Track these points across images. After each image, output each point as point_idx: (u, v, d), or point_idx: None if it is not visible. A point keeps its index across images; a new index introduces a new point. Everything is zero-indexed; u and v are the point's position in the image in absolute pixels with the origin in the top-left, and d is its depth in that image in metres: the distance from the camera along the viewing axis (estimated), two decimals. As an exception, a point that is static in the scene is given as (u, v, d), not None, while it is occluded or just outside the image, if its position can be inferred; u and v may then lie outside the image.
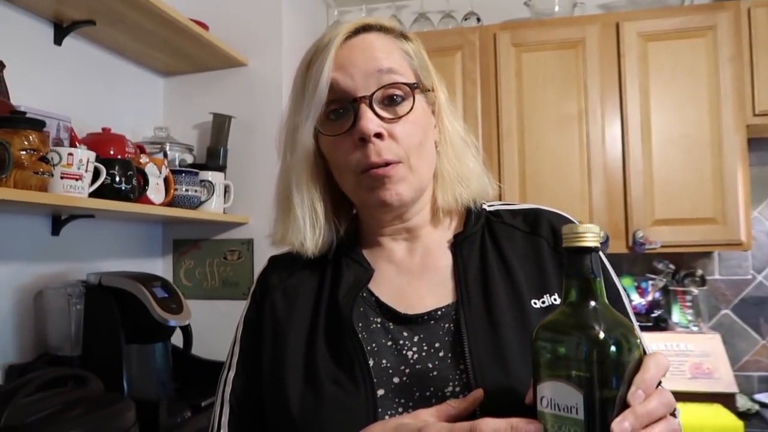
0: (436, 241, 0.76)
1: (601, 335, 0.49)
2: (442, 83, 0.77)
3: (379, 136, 0.67)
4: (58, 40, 1.60)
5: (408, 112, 0.68)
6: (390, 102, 0.68)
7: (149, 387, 1.50)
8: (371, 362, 0.66)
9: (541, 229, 0.74)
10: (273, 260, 0.83)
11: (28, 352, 1.48)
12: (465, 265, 0.72)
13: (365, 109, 0.67)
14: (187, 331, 1.64)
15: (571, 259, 0.53)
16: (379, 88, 0.68)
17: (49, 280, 1.51)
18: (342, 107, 0.69)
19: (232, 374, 0.76)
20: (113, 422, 1.11)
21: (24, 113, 1.21)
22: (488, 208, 0.78)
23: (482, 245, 0.74)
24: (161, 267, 2.05)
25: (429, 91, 0.74)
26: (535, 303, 0.68)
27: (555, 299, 0.69)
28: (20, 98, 1.37)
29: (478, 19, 2.31)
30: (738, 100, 1.95)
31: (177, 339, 1.66)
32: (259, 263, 1.97)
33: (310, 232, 0.73)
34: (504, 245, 0.73)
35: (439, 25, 2.33)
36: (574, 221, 0.76)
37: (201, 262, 2.02)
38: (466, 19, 2.31)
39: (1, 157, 1.10)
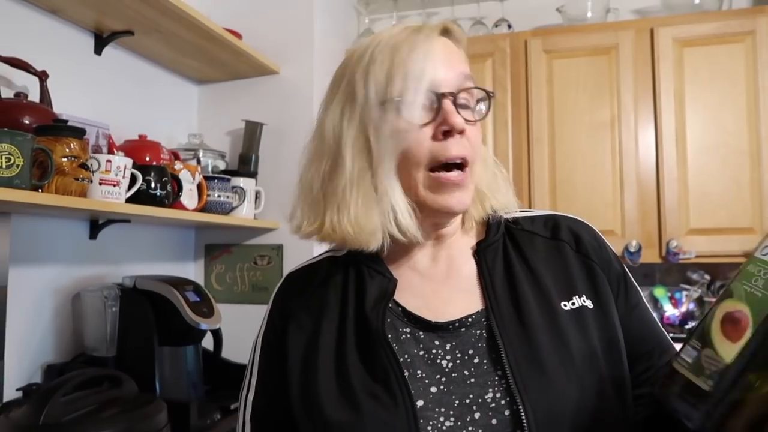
0: (460, 249, 0.76)
1: None
2: None
3: (462, 132, 0.67)
4: (98, 50, 1.65)
5: (484, 117, 0.71)
6: (464, 106, 0.69)
7: (181, 389, 1.53)
8: (406, 373, 0.65)
9: (561, 233, 0.75)
10: (290, 277, 0.81)
11: (66, 352, 1.53)
12: (491, 271, 0.72)
13: (451, 105, 0.67)
14: (217, 334, 1.67)
15: None
16: (462, 90, 0.69)
17: (87, 283, 1.56)
18: (427, 99, 0.67)
19: (251, 395, 0.76)
20: (146, 422, 1.14)
21: (66, 121, 1.25)
22: (506, 216, 0.78)
23: (505, 252, 0.74)
24: (193, 271, 2.10)
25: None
26: (564, 305, 0.69)
27: (584, 300, 0.69)
28: (62, 106, 1.42)
29: (509, 26, 2.30)
30: (778, 106, 1.89)
31: (208, 342, 1.69)
32: (289, 269, 1.99)
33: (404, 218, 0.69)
34: (527, 251, 0.73)
35: (470, 32, 2.33)
36: (591, 226, 0.78)
37: (232, 266, 2.06)
38: (496, 26, 2.31)
39: (44, 164, 1.14)
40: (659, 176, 1.98)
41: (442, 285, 0.73)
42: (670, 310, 2.16)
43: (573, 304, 0.69)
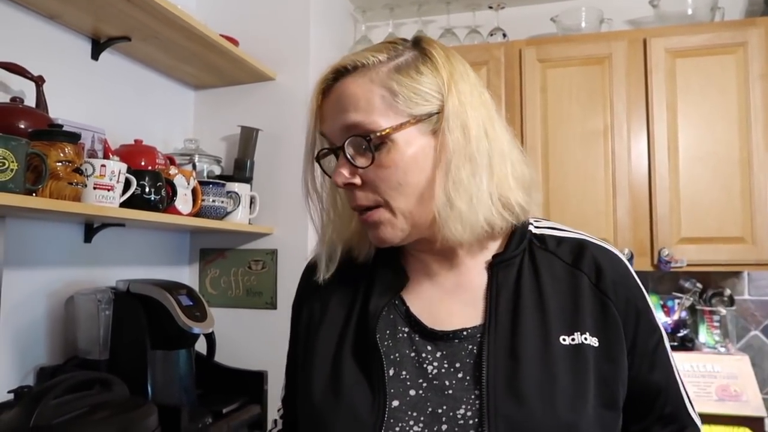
0: (475, 260, 0.74)
1: None
2: (476, 91, 0.70)
3: (350, 185, 0.69)
4: (95, 56, 1.67)
5: (370, 163, 0.67)
6: (364, 149, 0.67)
7: (172, 392, 1.53)
8: (391, 372, 0.68)
9: (583, 263, 0.71)
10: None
11: (59, 355, 1.53)
12: (498, 288, 0.71)
13: (341, 160, 0.69)
14: (210, 338, 1.67)
15: None
16: (344, 142, 0.68)
17: (80, 286, 1.57)
18: (334, 153, 0.72)
19: (289, 350, 0.85)
20: (137, 426, 1.14)
21: (61, 126, 1.27)
22: (534, 230, 0.76)
23: (519, 270, 0.72)
24: (188, 275, 2.10)
25: (425, 119, 0.67)
26: (563, 339, 0.67)
27: (586, 338, 0.67)
28: (58, 111, 1.43)
29: (504, 35, 2.32)
30: (769, 117, 1.91)
31: (201, 346, 1.69)
32: (283, 273, 2.02)
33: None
34: (542, 274, 0.71)
35: (465, 41, 2.35)
36: (620, 256, 0.74)
37: (226, 271, 2.07)
38: (492, 35, 2.33)
39: (39, 169, 1.15)
40: (651, 185, 2.00)
41: (451, 295, 0.74)
42: (663, 318, 2.17)
43: (573, 339, 0.67)
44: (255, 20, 2.09)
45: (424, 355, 0.69)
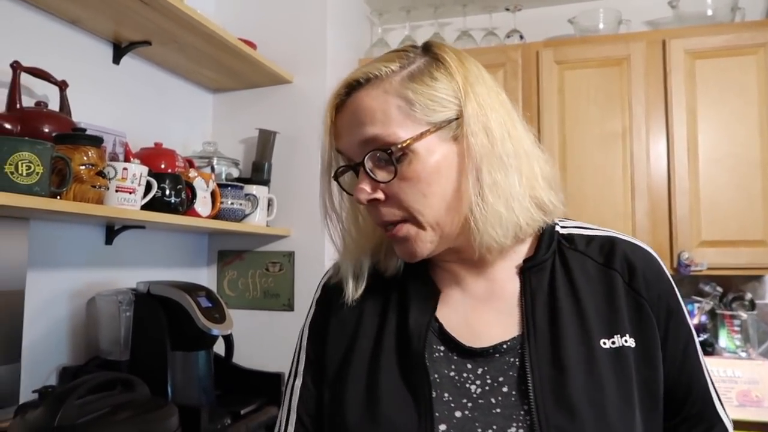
0: (504, 266, 0.72)
1: None
2: (494, 92, 0.68)
3: (374, 201, 0.67)
4: (116, 60, 1.69)
5: (393, 177, 0.65)
6: (385, 163, 0.65)
7: (192, 393, 1.55)
8: (434, 394, 0.65)
9: (615, 261, 0.70)
10: (337, 267, 0.81)
11: (81, 356, 1.56)
12: (533, 295, 0.68)
13: (362, 176, 0.67)
14: (229, 340, 1.69)
15: None
16: (364, 157, 0.66)
17: (102, 288, 1.59)
18: (353, 170, 0.70)
19: (299, 382, 0.75)
20: (158, 426, 1.16)
21: (84, 130, 1.29)
22: (561, 230, 0.74)
23: (552, 274, 0.70)
24: (206, 276, 2.12)
25: (445, 126, 0.65)
26: (604, 343, 0.65)
27: (626, 341, 0.65)
28: (81, 115, 1.45)
29: (521, 37, 2.31)
30: (791, 119, 1.89)
31: (219, 347, 1.71)
32: (300, 275, 2.03)
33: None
34: (576, 276, 0.69)
35: (482, 43, 2.35)
36: (652, 252, 0.72)
37: (244, 272, 2.08)
38: (508, 37, 2.32)
39: (63, 172, 1.17)
40: (671, 187, 1.98)
41: (484, 304, 0.71)
42: (682, 322, 2.15)
43: (613, 343, 0.65)
44: (272, 24, 2.11)
45: (465, 375, 0.67)
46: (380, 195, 0.66)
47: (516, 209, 0.65)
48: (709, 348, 2.09)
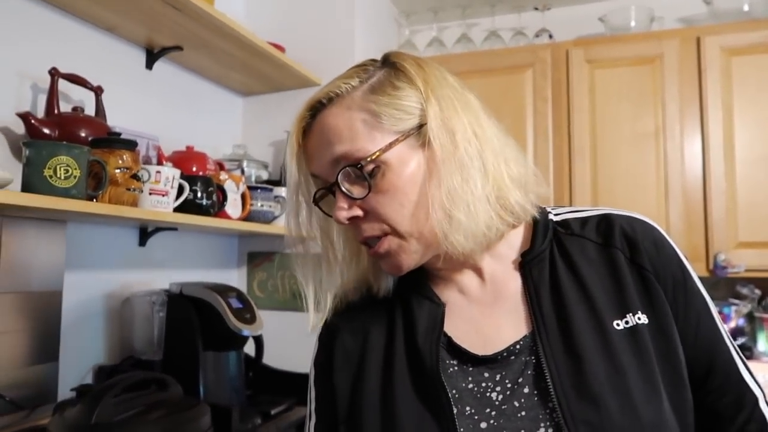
0: (503, 264, 0.71)
1: None
2: (458, 94, 0.68)
3: (354, 219, 0.66)
4: (149, 65, 1.73)
5: (368, 192, 0.64)
6: (358, 178, 0.65)
7: (223, 393, 1.57)
8: (455, 410, 0.63)
9: (614, 238, 0.68)
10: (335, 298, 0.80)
11: (116, 355, 1.59)
12: (537, 288, 0.67)
13: (338, 196, 0.66)
14: (259, 340, 1.70)
15: None
16: (336, 177, 0.65)
17: (135, 288, 1.62)
18: (330, 192, 0.69)
19: (313, 423, 0.74)
20: (191, 425, 1.17)
21: (119, 134, 1.31)
22: (555, 218, 0.72)
23: (552, 264, 0.68)
24: (236, 278, 2.15)
25: (413, 133, 0.65)
26: (617, 324, 0.64)
27: (639, 318, 0.64)
28: (115, 119, 1.48)
29: (550, 36, 2.29)
30: (833, 116, 1.83)
31: (249, 348, 1.73)
32: (328, 277, 2.03)
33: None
34: (577, 261, 0.68)
35: (511, 43, 2.33)
36: (650, 222, 0.71)
37: (273, 274, 2.10)
38: (537, 36, 2.30)
39: (99, 175, 1.20)
40: (706, 188, 1.93)
41: (491, 308, 0.70)
42: (718, 326, 2.10)
43: (627, 322, 0.64)
44: (301, 26, 2.13)
45: (484, 384, 0.65)
46: (358, 212, 0.66)
47: (477, 214, 0.64)
48: (747, 352, 2.03)
